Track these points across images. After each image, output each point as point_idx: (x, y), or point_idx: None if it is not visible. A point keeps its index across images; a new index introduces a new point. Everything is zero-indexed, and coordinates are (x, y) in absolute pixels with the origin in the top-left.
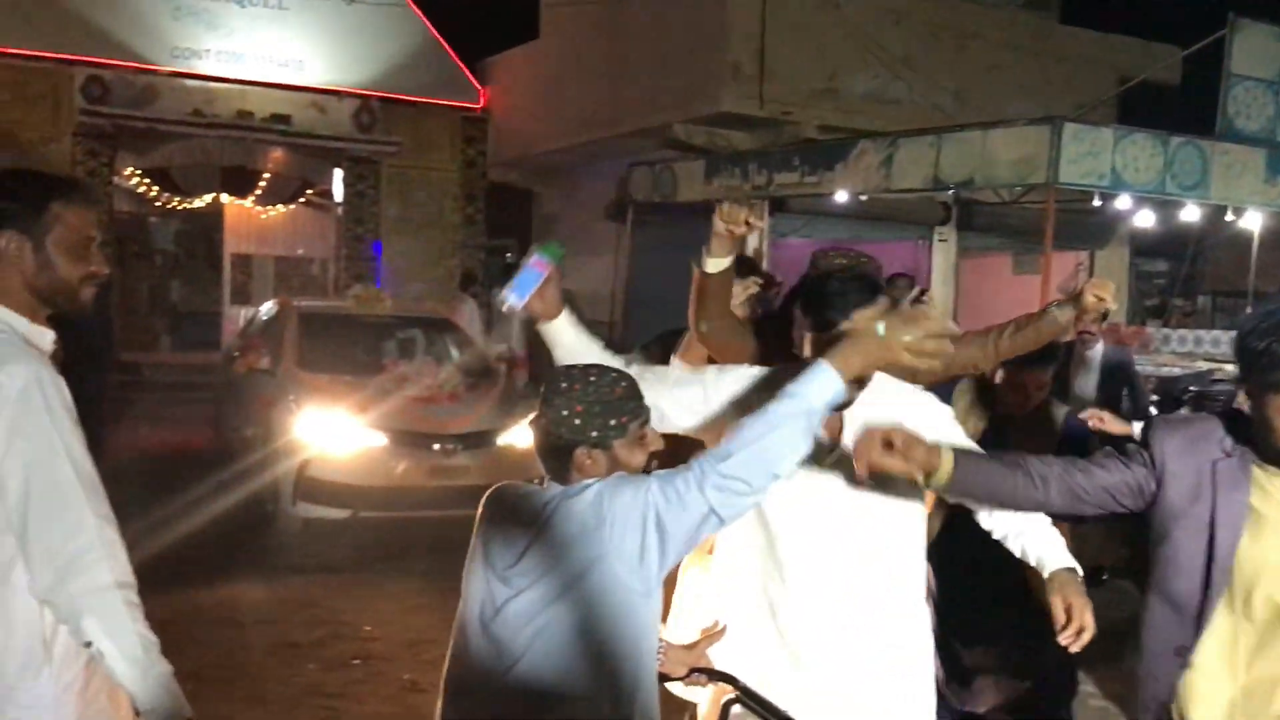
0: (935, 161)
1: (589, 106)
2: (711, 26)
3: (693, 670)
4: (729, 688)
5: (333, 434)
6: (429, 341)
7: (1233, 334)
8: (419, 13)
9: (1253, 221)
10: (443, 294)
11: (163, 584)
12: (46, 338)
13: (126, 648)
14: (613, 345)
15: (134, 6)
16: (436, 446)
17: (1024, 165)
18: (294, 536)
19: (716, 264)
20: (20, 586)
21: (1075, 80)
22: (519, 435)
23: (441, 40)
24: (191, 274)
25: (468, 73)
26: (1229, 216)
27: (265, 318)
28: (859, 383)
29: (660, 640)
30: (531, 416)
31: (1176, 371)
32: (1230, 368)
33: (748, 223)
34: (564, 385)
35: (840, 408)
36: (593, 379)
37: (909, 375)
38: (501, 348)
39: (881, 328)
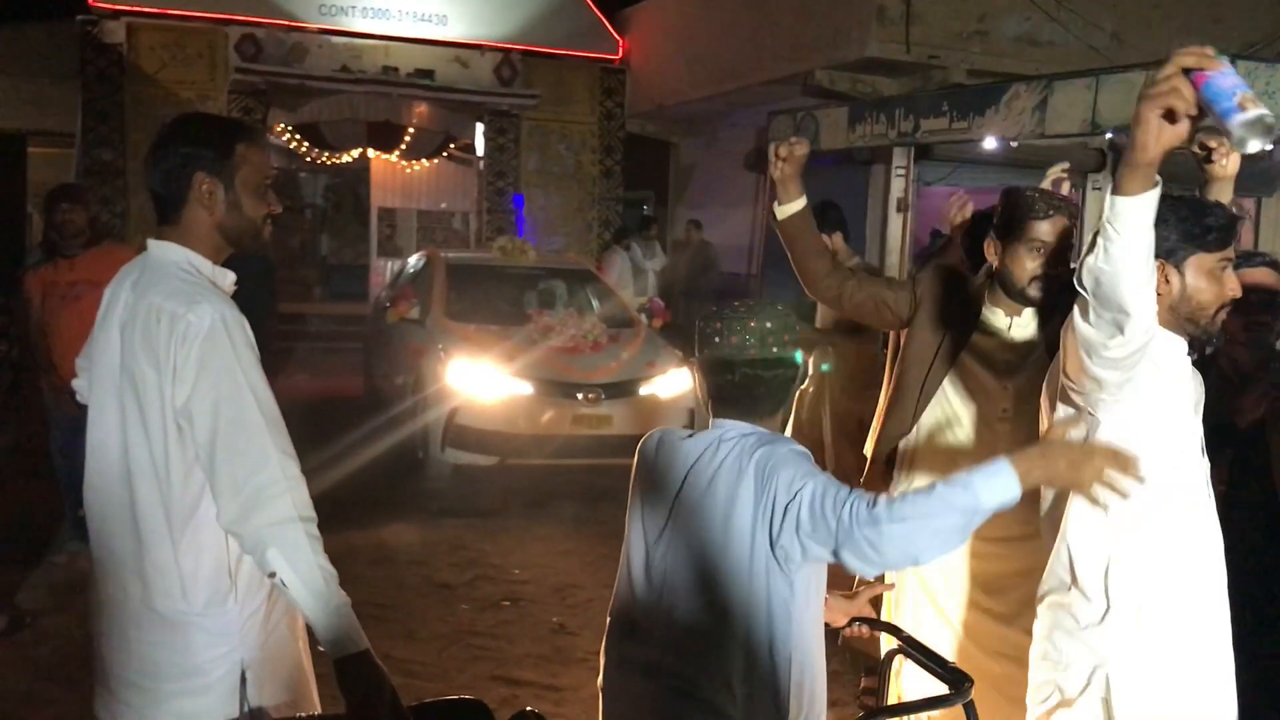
0: (1093, 105)
1: (728, 55)
2: None
3: (854, 620)
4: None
5: (480, 382)
6: (571, 292)
7: None
8: None
9: None
10: (582, 245)
11: (320, 525)
12: (228, 278)
13: (309, 579)
14: (751, 297)
15: None
16: (580, 396)
17: None
18: (444, 481)
19: (783, 209)
20: (209, 518)
21: (1249, 17)
22: (661, 385)
23: None
24: (339, 227)
25: (607, 24)
26: None
27: (413, 269)
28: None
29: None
30: (698, 355)
31: None
32: None
33: (792, 144)
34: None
35: None
36: (761, 308)
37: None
38: (643, 299)
39: (1080, 450)
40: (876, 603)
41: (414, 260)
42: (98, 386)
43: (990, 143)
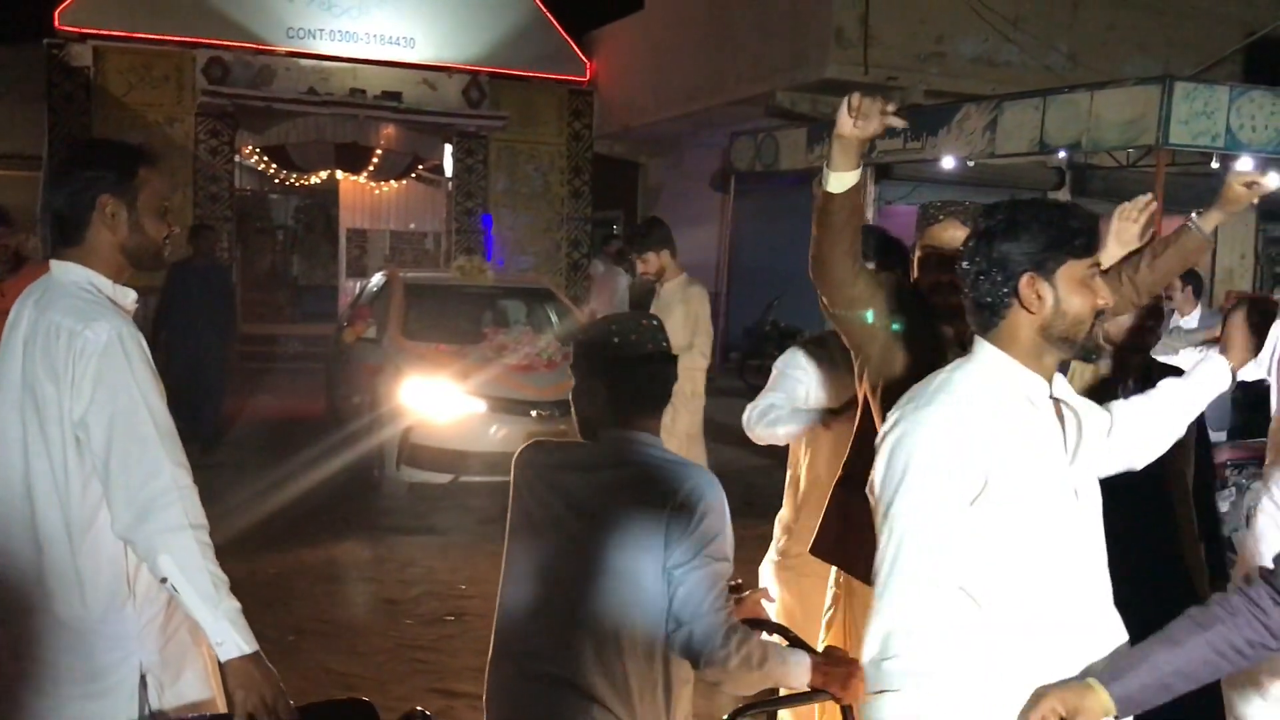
0: (1040, 124)
1: (693, 76)
2: None
3: (745, 622)
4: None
5: (434, 401)
6: (530, 311)
7: None
8: None
9: None
10: (551, 264)
11: (273, 544)
12: (129, 296)
13: (198, 583)
14: (716, 316)
15: None
16: (534, 413)
17: (1133, 127)
18: (398, 500)
19: (840, 179)
20: (107, 528)
21: (1197, 37)
22: None
23: (548, 14)
24: (310, 248)
25: (574, 46)
26: None
27: (373, 289)
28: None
29: None
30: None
31: None
32: None
33: (884, 113)
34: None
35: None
36: (639, 316)
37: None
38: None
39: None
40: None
41: (375, 280)
42: (2, 402)
43: (948, 162)
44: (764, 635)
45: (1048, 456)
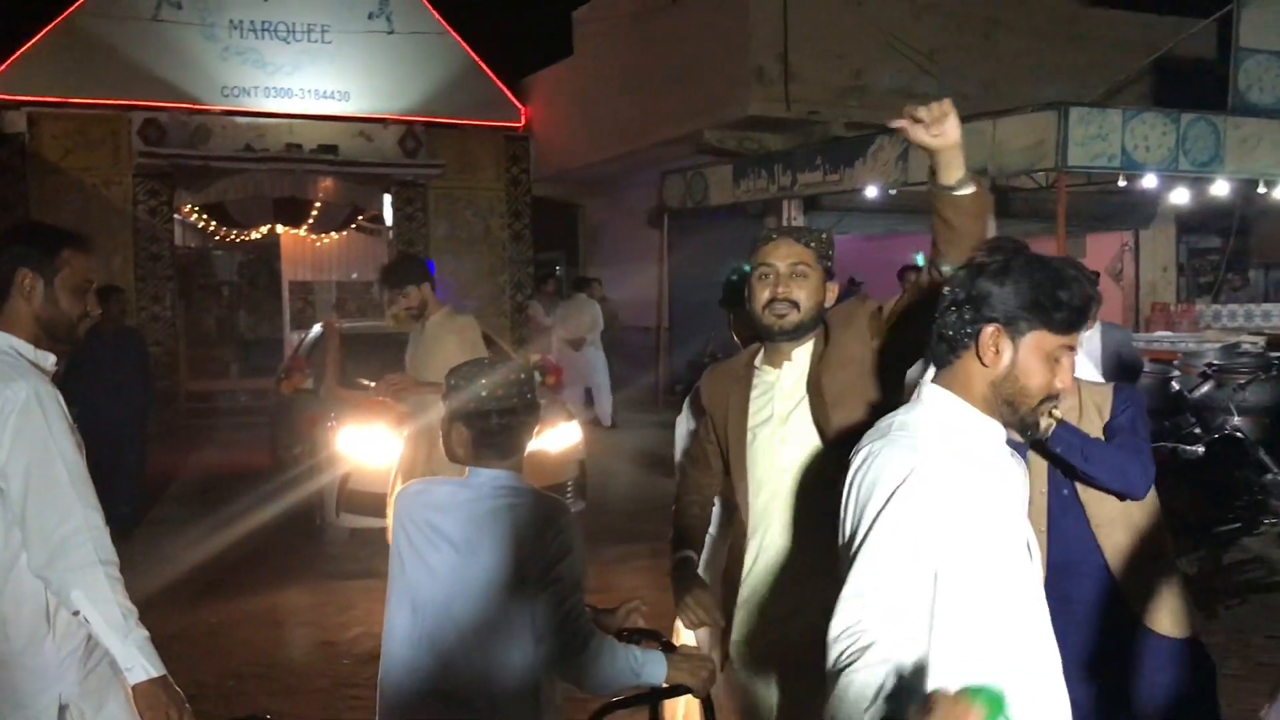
0: None
1: (624, 118)
2: (734, 33)
3: (622, 630)
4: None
5: (369, 448)
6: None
7: (1271, 306)
8: (458, 38)
9: None
10: (495, 308)
11: (214, 594)
12: (49, 360)
13: (108, 615)
14: (660, 351)
15: (185, 50)
16: None
17: (1034, 151)
18: (340, 546)
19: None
20: (26, 569)
21: (1106, 62)
22: (550, 440)
23: (481, 63)
24: (255, 303)
25: (508, 93)
26: (1261, 189)
27: (311, 340)
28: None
29: (588, 606)
30: (456, 406)
31: (1206, 348)
32: (1257, 340)
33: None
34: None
35: None
36: (507, 363)
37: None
38: (536, 357)
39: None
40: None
41: (313, 332)
42: None
43: (871, 191)
44: (640, 641)
45: (1007, 510)
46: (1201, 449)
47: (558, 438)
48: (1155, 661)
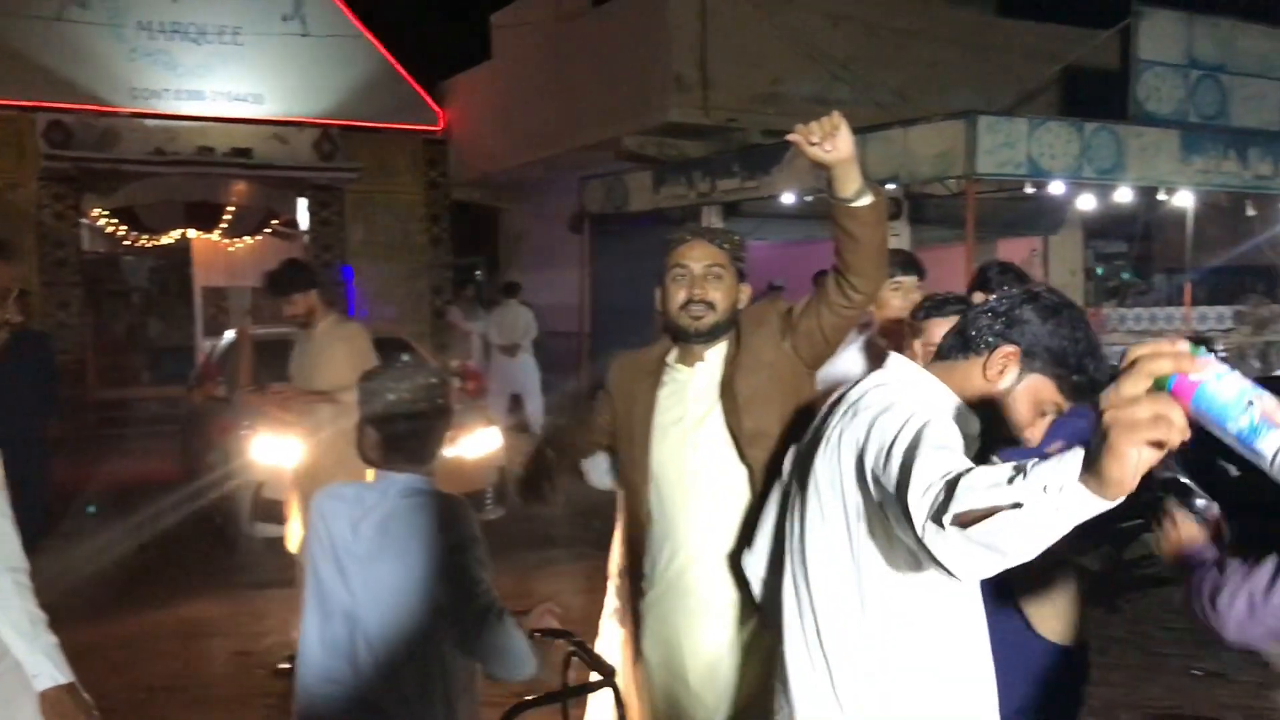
0: (862, 160)
1: (543, 123)
2: (653, 39)
3: (533, 631)
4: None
5: (283, 455)
6: (383, 360)
7: (1181, 309)
8: (375, 41)
9: (1184, 200)
10: (414, 313)
11: (125, 607)
12: None
13: (16, 622)
14: (581, 356)
15: (93, 51)
16: None
17: (943, 159)
18: (254, 555)
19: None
20: None
21: (1017, 71)
22: (468, 446)
23: (398, 66)
24: (166, 309)
25: (426, 96)
26: (1161, 196)
27: (223, 347)
28: None
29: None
30: (366, 410)
31: (1112, 351)
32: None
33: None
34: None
35: None
36: (420, 366)
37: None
38: (456, 363)
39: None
40: None
41: (225, 338)
42: None
43: (788, 198)
44: (554, 641)
45: None
46: None
47: (477, 444)
48: (1036, 665)
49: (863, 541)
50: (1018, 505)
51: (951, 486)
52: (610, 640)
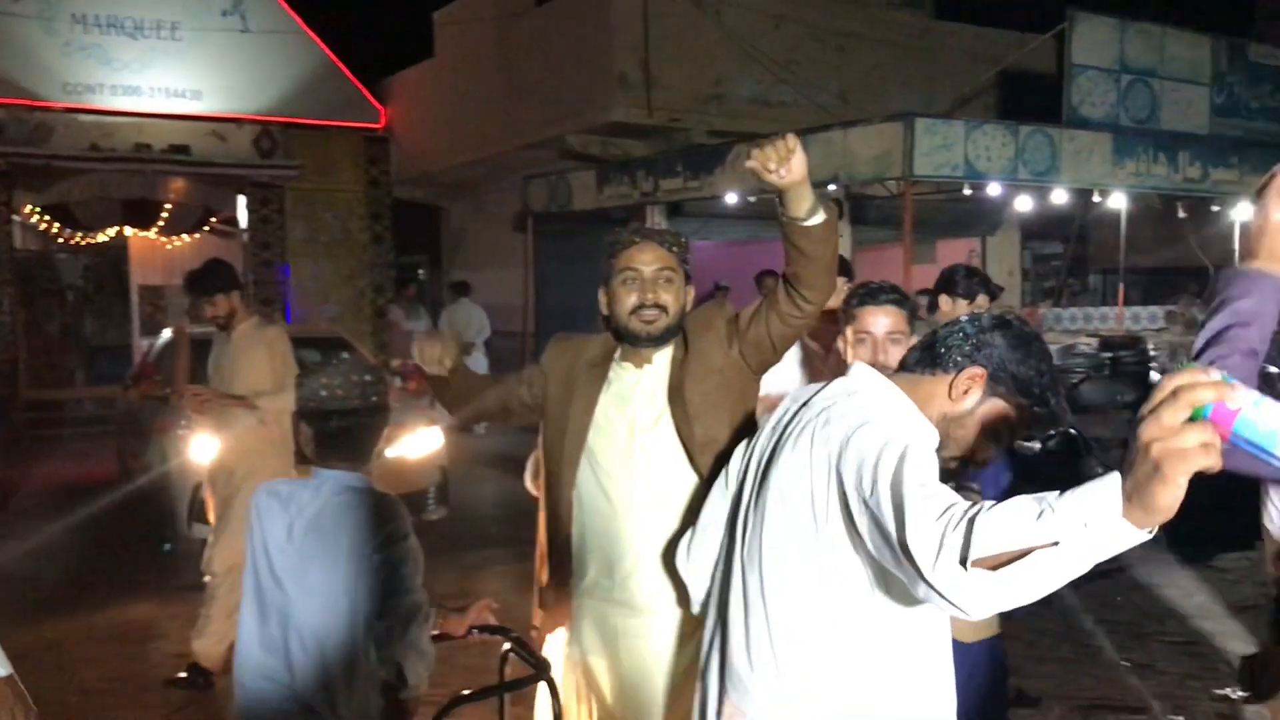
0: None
1: (487, 121)
2: (597, 39)
3: (472, 628)
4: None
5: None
6: (324, 360)
7: (1114, 309)
8: (315, 38)
9: (1118, 201)
10: (355, 312)
11: (58, 610)
12: None
13: None
14: (525, 356)
15: (23, 44)
16: None
17: (882, 161)
18: (192, 557)
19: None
20: None
21: (956, 74)
22: (409, 445)
23: (339, 63)
24: (102, 308)
25: (367, 94)
26: (1096, 198)
27: (160, 346)
28: None
29: (438, 605)
30: (300, 405)
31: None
32: (1091, 342)
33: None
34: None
35: None
36: (355, 362)
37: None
38: (397, 361)
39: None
40: None
41: (162, 337)
42: None
43: (731, 198)
44: (492, 637)
45: None
46: (1038, 445)
47: (418, 444)
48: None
49: (828, 548)
50: (1055, 544)
51: (969, 525)
52: (553, 643)
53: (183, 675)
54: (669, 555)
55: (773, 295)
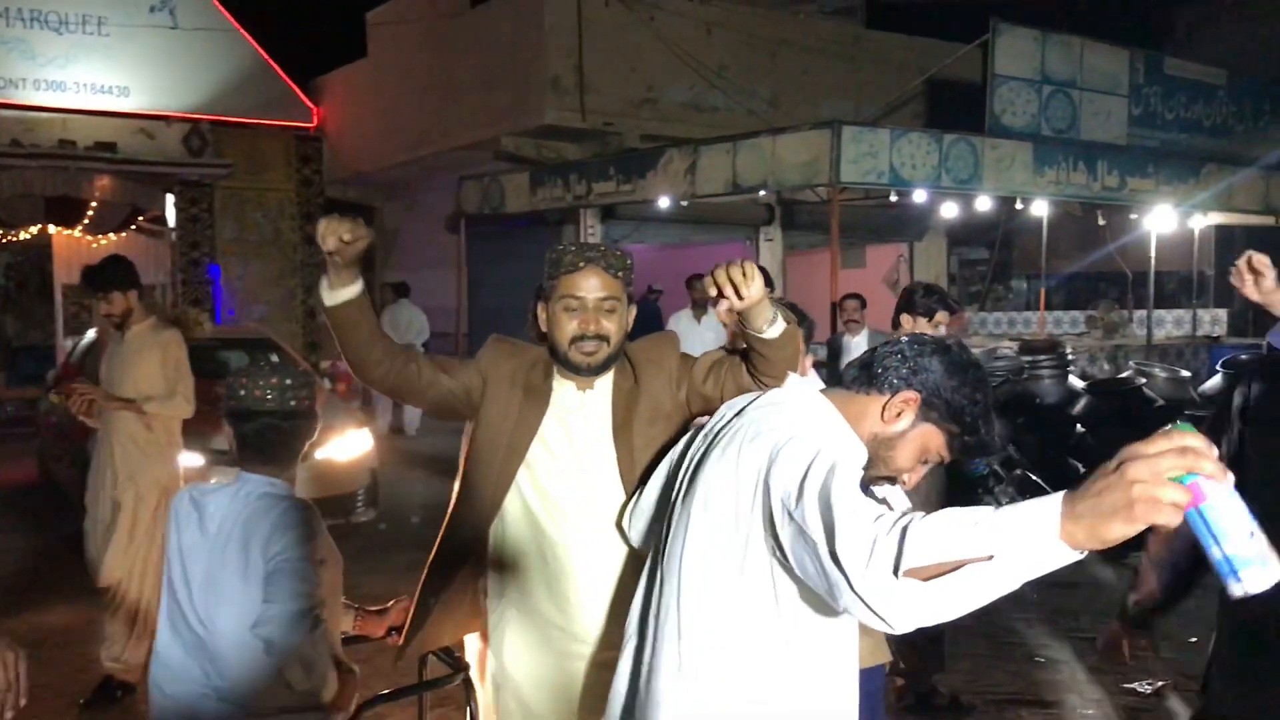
0: (733, 167)
1: (420, 122)
2: (531, 42)
3: (390, 629)
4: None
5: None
6: (250, 360)
7: (1037, 314)
8: (247, 35)
9: (1040, 209)
10: (286, 312)
11: None
12: None
13: None
14: (457, 357)
15: None
16: None
17: (809, 168)
18: None
19: (335, 295)
20: None
21: (886, 82)
22: (337, 448)
23: (271, 61)
24: (24, 307)
25: (299, 92)
26: (1019, 205)
27: (84, 347)
28: None
29: (356, 607)
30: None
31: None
32: (1013, 346)
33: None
34: (263, 368)
35: None
36: (282, 366)
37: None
38: (326, 363)
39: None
40: None
41: (86, 338)
42: None
43: (664, 202)
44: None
45: None
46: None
47: (348, 446)
48: None
49: (746, 559)
50: (989, 558)
51: (903, 534)
52: (472, 649)
53: (94, 693)
54: (608, 583)
55: (735, 365)
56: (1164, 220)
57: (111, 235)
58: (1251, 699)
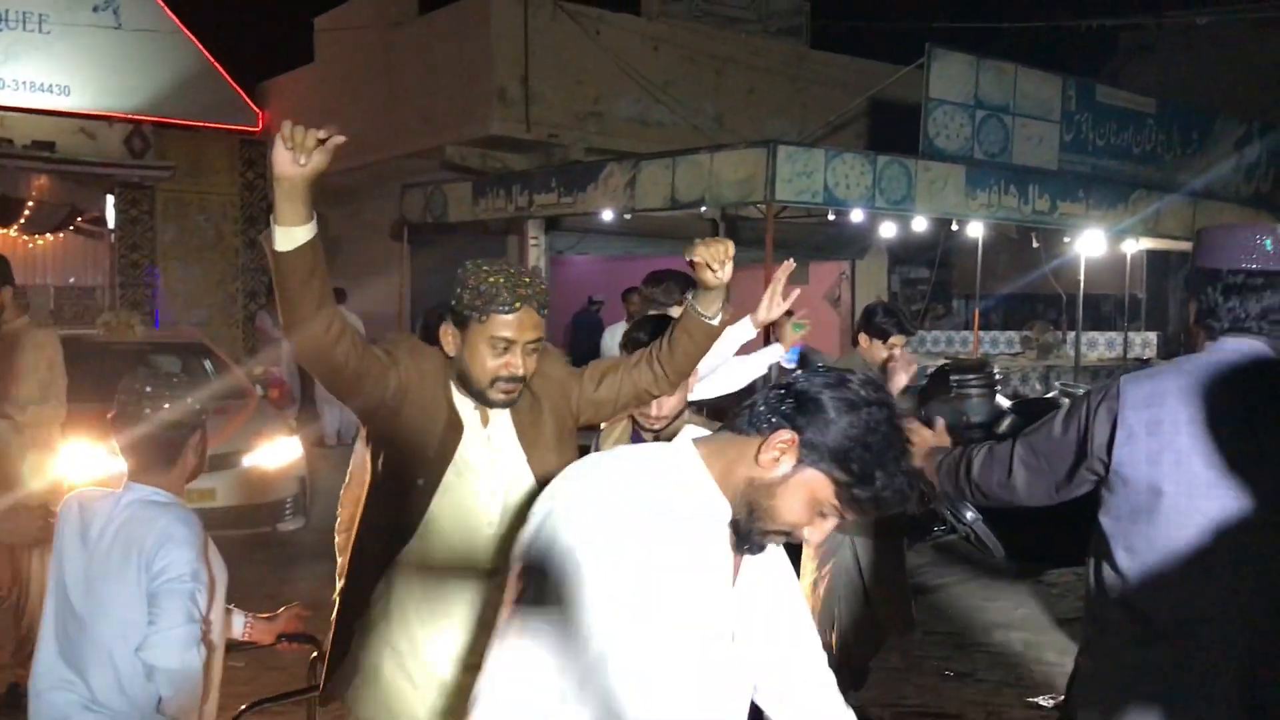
0: (671, 182)
1: (366, 129)
2: (477, 52)
3: (281, 636)
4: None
5: (93, 464)
6: (183, 366)
7: (969, 334)
8: (192, 37)
9: (976, 230)
10: (226, 317)
11: None
12: None
13: None
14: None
15: None
16: None
17: (745, 185)
18: None
19: (289, 234)
20: None
21: (828, 101)
22: (267, 455)
23: (216, 64)
24: None
25: (244, 96)
26: (954, 227)
27: None
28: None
29: (246, 615)
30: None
31: None
32: (947, 364)
33: (321, 140)
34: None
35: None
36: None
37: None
38: (259, 369)
39: None
40: None
41: None
42: None
43: (607, 214)
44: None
45: (710, 588)
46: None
47: (277, 453)
48: None
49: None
50: None
51: None
52: None
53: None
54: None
55: (631, 368)
56: (1094, 244)
57: (49, 236)
58: (1105, 704)
